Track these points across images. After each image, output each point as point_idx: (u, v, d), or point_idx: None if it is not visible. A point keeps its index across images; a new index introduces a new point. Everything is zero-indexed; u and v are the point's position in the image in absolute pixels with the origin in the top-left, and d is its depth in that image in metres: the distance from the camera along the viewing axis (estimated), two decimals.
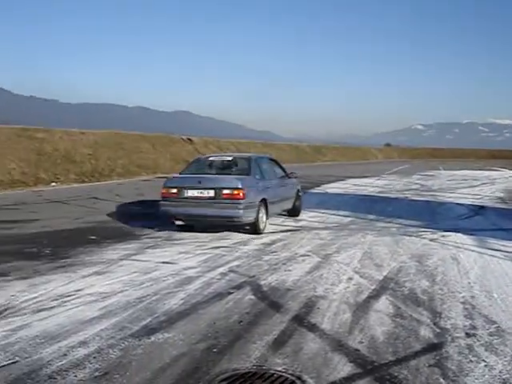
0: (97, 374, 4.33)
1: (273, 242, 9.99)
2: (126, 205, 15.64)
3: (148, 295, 6.40)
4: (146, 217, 12.88)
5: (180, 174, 11.86)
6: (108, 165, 24.59)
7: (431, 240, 10.61)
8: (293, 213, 13.27)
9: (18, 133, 22.97)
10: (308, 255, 8.89)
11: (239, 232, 10.83)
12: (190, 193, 10.46)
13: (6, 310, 5.83)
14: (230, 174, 11.14)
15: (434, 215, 15.00)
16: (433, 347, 5.03)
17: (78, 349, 4.81)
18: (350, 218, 13.57)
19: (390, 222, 12.94)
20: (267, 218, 11.28)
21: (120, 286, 6.79)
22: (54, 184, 21.07)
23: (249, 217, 10.45)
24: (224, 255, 8.70)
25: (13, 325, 5.37)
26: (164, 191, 10.82)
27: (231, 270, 7.70)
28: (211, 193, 10.30)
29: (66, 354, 4.69)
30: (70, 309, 5.88)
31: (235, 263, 8.14)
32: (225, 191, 10.28)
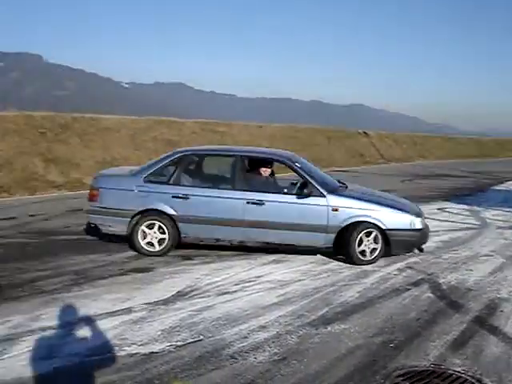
0: (275, 358, 4.50)
1: (452, 240, 9.59)
2: None
3: (325, 286, 6.51)
4: None
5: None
6: None
7: None
8: (348, 259, 7.75)
9: (202, 126, 24.21)
10: (491, 255, 8.44)
11: None
12: None
13: (191, 291, 6.24)
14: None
15: None
16: None
17: (258, 333, 5.03)
18: None
19: None
20: (174, 241, 7.87)
21: (298, 275, 6.96)
22: None
23: (110, 227, 8.03)
24: None
25: (197, 306, 5.74)
26: None
27: (408, 267, 7.55)
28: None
29: (246, 337, 4.93)
30: (251, 294, 6.15)
31: (413, 259, 7.94)
32: (90, 190, 8.33)
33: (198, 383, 4.05)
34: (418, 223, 7.81)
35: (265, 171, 8.15)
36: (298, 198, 7.68)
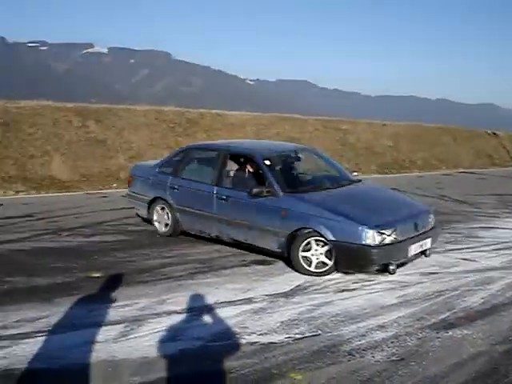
0: (393, 358, 4.48)
1: None
2: (423, 197, 15.41)
3: (447, 290, 6.33)
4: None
5: None
6: (408, 157, 24.59)
7: None
8: (294, 267, 6.93)
9: (324, 124, 24.19)
10: None
11: None
12: None
13: (310, 286, 6.34)
14: None
15: None
16: None
17: (377, 332, 5.03)
18: None
19: None
20: (175, 227, 8.42)
21: (418, 277, 6.82)
22: (355, 174, 21.74)
23: (138, 210, 9.28)
24: None
25: (316, 301, 5.83)
26: None
27: None
28: None
29: (364, 335, 4.95)
30: (370, 293, 6.13)
31: None
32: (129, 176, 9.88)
33: (315, 376, 4.13)
34: (371, 237, 6.36)
35: (248, 167, 7.95)
36: (249, 198, 7.30)
